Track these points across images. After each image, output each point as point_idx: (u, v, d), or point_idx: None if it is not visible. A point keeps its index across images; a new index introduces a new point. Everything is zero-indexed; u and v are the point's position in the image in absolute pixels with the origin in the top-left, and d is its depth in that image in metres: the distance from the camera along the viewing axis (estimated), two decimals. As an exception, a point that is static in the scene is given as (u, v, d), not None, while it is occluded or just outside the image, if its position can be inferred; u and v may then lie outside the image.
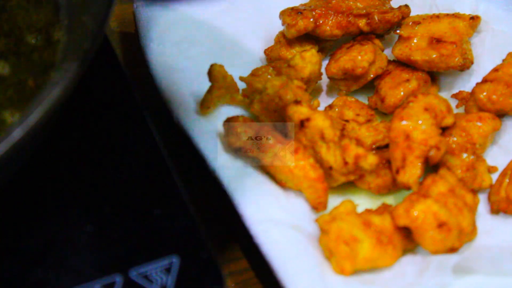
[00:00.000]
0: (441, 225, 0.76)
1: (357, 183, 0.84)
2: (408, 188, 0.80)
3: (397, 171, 0.80)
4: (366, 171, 0.81)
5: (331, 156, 0.80)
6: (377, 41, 0.92)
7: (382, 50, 0.93)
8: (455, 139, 0.84)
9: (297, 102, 0.82)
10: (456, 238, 0.77)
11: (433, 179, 0.79)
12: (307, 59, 0.89)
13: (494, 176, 0.85)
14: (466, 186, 0.81)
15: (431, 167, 0.83)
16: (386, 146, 0.84)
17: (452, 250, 0.78)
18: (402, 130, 0.81)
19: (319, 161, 0.82)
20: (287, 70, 0.89)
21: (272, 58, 0.94)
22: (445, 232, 0.76)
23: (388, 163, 0.83)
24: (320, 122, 0.81)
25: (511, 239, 0.80)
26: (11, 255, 0.74)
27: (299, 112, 0.82)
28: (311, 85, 0.91)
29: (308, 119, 0.81)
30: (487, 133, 0.85)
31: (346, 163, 0.80)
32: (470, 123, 0.85)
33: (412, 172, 0.80)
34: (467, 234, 0.78)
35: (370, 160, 0.79)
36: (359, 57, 0.89)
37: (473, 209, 0.80)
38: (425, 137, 0.81)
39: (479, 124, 0.85)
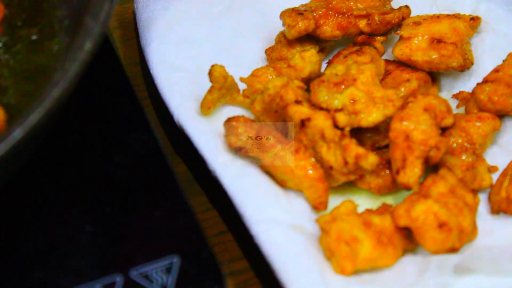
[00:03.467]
0: (441, 225, 0.76)
1: (358, 183, 0.84)
2: (408, 188, 0.80)
3: (397, 172, 0.80)
4: (367, 171, 0.81)
5: (331, 156, 0.80)
6: (378, 45, 0.92)
7: (383, 54, 0.93)
8: (454, 139, 0.84)
9: (298, 102, 0.82)
10: (457, 238, 0.77)
11: (433, 179, 0.79)
12: (307, 59, 0.89)
13: (495, 176, 0.85)
14: (466, 186, 0.81)
15: (431, 167, 0.83)
16: (386, 146, 0.84)
17: (453, 250, 0.77)
18: (402, 131, 0.81)
19: (320, 161, 0.82)
20: (287, 70, 0.89)
21: (273, 58, 0.94)
22: (446, 232, 0.76)
23: (388, 163, 0.83)
24: (320, 122, 0.81)
25: (511, 239, 0.80)
26: (12, 255, 0.74)
27: (300, 111, 0.82)
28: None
29: (308, 119, 0.81)
30: (487, 133, 0.85)
31: (346, 162, 0.80)
32: (470, 123, 0.85)
33: (412, 173, 0.80)
34: (468, 234, 0.78)
35: (371, 159, 0.79)
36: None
37: (473, 209, 0.80)
38: (425, 138, 0.81)
39: (478, 124, 0.85)
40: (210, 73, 0.86)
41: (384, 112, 0.82)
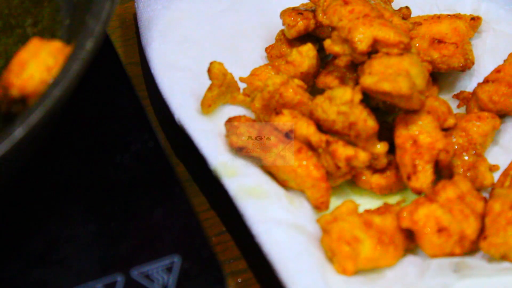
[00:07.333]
0: (441, 230, 0.76)
1: (359, 184, 0.83)
2: (420, 193, 0.80)
3: (409, 177, 0.80)
4: (362, 168, 0.81)
5: (324, 162, 0.80)
6: None
7: None
8: (455, 139, 0.84)
9: (278, 113, 0.82)
10: (457, 244, 0.77)
11: (444, 184, 0.79)
12: (304, 53, 0.89)
13: (496, 175, 0.84)
14: (480, 195, 0.80)
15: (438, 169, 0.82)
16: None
17: (452, 255, 0.77)
18: (408, 136, 0.80)
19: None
20: (286, 66, 0.89)
21: (273, 56, 0.94)
22: (445, 237, 0.76)
23: (390, 164, 0.83)
24: (304, 130, 0.81)
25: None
26: (13, 254, 0.74)
27: (282, 122, 0.82)
28: (310, 81, 0.91)
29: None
30: (487, 132, 0.85)
31: (338, 167, 0.80)
32: (470, 122, 0.85)
33: (424, 178, 0.79)
34: (472, 241, 0.77)
35: (362, 157, 0.79)
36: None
37: (482, 217, 0.78)
38: (432, 141, 0.80)
39: (478, 123, 0.85)
40: (209, 70, 0.86)
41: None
